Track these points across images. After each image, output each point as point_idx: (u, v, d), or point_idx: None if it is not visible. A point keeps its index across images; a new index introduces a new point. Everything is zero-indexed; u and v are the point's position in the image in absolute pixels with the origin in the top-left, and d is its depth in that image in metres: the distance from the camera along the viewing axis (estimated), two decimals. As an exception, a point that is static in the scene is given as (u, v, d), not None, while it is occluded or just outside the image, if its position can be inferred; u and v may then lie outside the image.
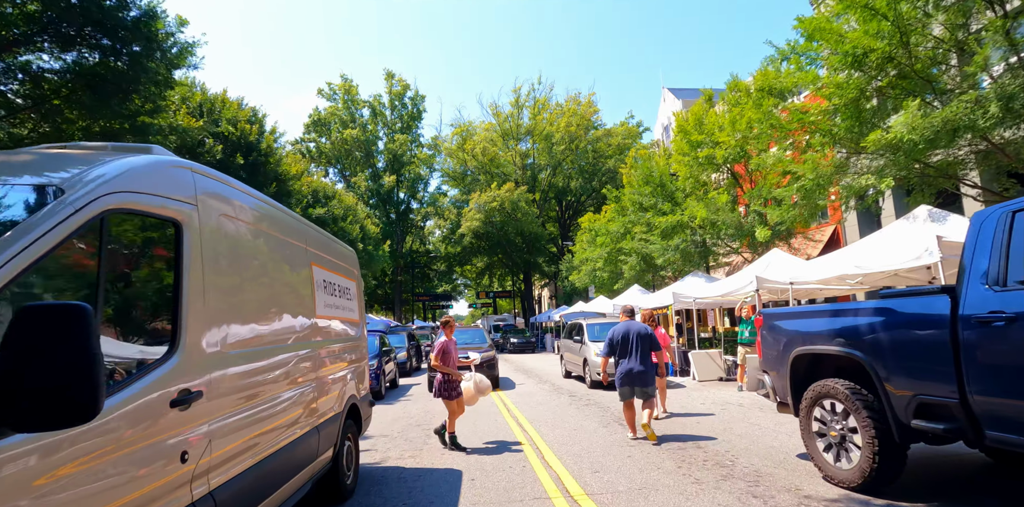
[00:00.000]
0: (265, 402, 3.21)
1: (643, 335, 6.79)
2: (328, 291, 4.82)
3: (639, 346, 6.75)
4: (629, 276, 23.99)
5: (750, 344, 11.46)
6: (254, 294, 3.26)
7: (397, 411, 10.64)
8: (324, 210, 21.56)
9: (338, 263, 5.42)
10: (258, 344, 3.23)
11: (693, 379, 13.84)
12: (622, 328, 6.88)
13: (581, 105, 42.59)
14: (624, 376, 6.77)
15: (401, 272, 50.84)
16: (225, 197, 3.10)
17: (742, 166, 16.97)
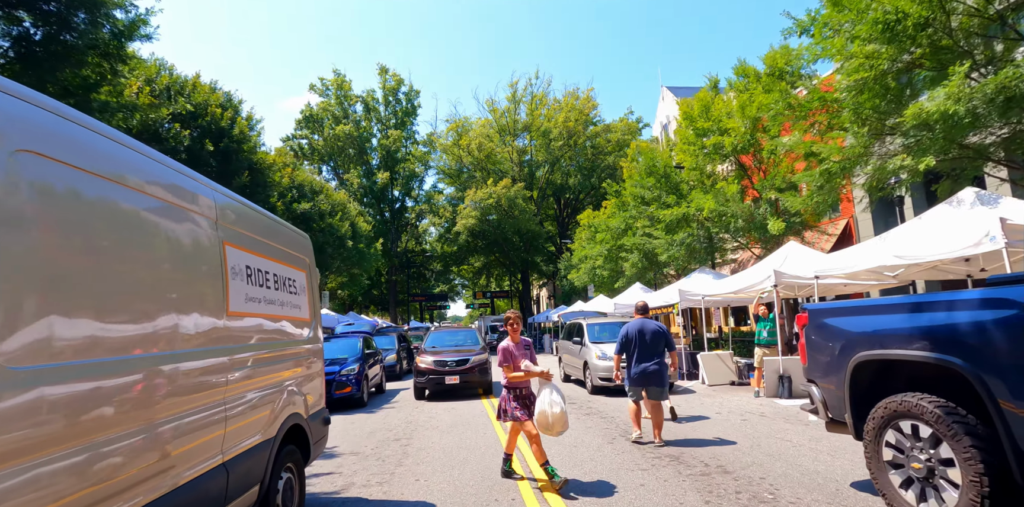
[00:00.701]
0: (105, 443, 2.12)
1: (658, 333, 6.49)
2: (256, 281, 3.73)
3: (654, 344, 6.46)
4: (631, 274, 22.93)
5: (768, 345, 10.40)
6: (92, 280, 2.16)
7: (376, 422, 9.55)
8: (310, 205, 20.44)
9: (278, 247, 4.33)
10: (96, 354, 2.14)
11: (702, 383, 12.77)
12: (636, 325, 6.59)
13: (580, 100, 41.52)
14: (638, 375, 6.46)
15: (396, 272, 49.74)
16: (33, 124, 2.01)
17: (749, 157, 15.92)
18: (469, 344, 12.51)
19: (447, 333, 13.30)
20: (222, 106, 13.17)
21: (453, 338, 12.88)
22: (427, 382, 11.31)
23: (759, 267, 11.26)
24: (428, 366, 11.36)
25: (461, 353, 11.61)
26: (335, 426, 9.00)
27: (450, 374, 11.16)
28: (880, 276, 8.86)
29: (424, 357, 11.57)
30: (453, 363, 11.34)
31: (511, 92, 41.83)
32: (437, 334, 13.30)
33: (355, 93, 43.02)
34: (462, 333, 13.44)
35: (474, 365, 11.38)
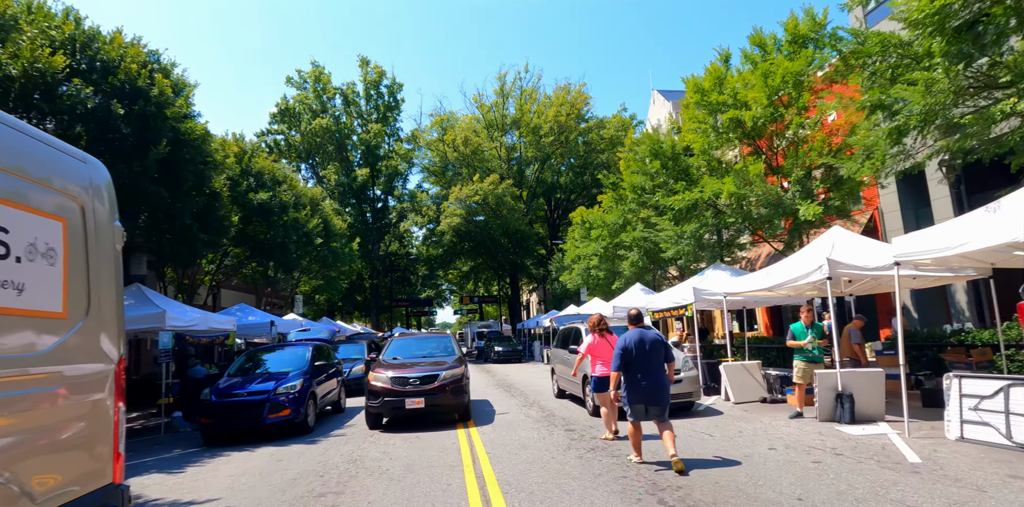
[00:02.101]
0: None
1: (659, 343, 5.87)
2: None
3: (655, 356, 5.81)
4: (629, 274, 20.73)
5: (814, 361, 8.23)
6: None
7: (310, 460, 7.16)
8: (268, 195, 18.00)
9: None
10: None
11: (726, 399, 10.52)
12: (634, 336, 5.88)
13: (571, 94, 39.44)
14: (640, 393, 5.75)
15: (379, 276, 47.18)
16: None
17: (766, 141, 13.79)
18: (440, 355, 9.85)
19: (414, 341, 10.77)
20: (142, 64, 10.79)
21: (420, 347, 10.27)
22: (381, 406, 8.68)
23: (803, 256, 9.05)
24: (383, 385, 8.74)
25: (428, 367, 8.96)
26: (249, 470, 6.62)
27: (412, 395, 8.54)
28: (1003, 257, 6.66)
29: (379, 373, 8.93)
30: (416, 381, 8.70)
31: (499, 85, 39.71)
32: (401, 342, 10.60)
33: (334, 86, 40.65)
34: (433, 341, 10.67)
35: (445, 383, 8.71)
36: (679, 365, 9.08)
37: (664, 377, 5.74)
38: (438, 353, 9.99)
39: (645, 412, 5.71)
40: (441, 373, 8.82)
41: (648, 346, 5.74)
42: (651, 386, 5.65)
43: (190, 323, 11.21)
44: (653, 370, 5.70)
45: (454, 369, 9.01)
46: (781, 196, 12.03)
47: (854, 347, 9.32)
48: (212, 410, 8.92)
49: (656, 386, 5.65)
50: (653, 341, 5.77)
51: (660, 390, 5.66)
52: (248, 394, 9.01)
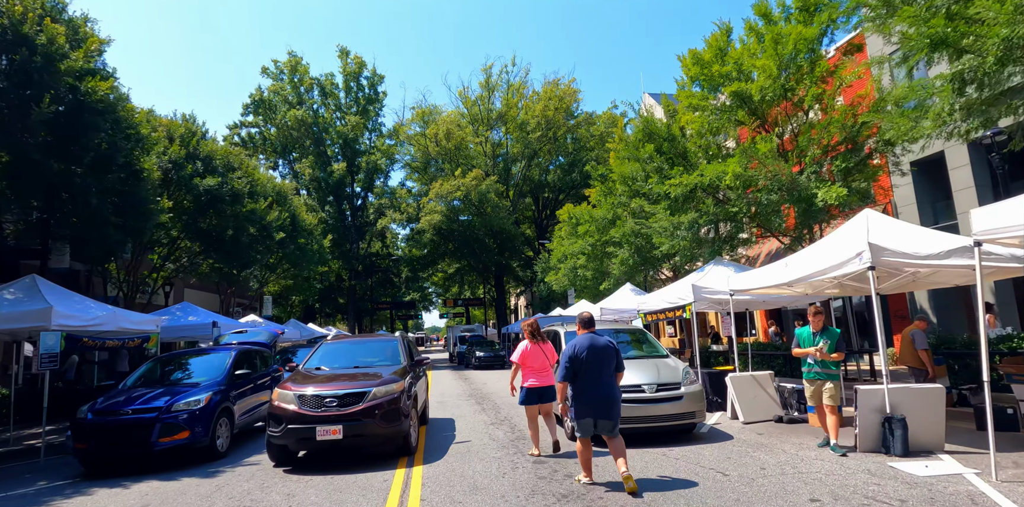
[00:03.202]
0: None
1: (610, 350, 5.20)
2: None
3: (607, 365, 5.15)
4: (618, 273, 19.00)
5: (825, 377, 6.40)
6: None
7: (185, 506, 5.28)
8: (217, 181, 16.06)
9: None
10: None
11: (734, 418, 8.76)
12: (584, 342, 5.21)
13: (561, 89, 37.79)
14: (589, 405, 5.07)
15: (360, 277, 45.15)
16: None
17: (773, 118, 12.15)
18: (380, 364, 7.61)
19: (348, 345, 8.51)
20: (30, 9, 8.88)
21: (356, 354, 8.02)
22: (284, 435, 6.34)
23: (832, 243, 7.32)
24: (287, 406, 6.41)
25: (354, 382, 6.69)
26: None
27: (326, 422, 6.24)
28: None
29: (286, 389, 6.64)
30: (333, 401, 6.37)
31: (484, 78, 37.98)
32: (332, 347, 8.32)
33: (312, 76, 38.72)
34: (372, 345, 8.38)
35: (376, 404, 6.40)
36: (679, 376, 7.33)
37: (616, 388, 5.20)
38: (377, 362, 7.72)
39: (594, 427, 5.10)
40: (370, 390, 6.49)
41: (599, 354, 5.16)
42: (602, 398, 5.07)
43: (90, 322, 9.27)
44: (604, 380, 5.13)
45: (390, 384, 6.70)
46: (795, 178, 10.34)
47: (919, 354, 7.66)
48: (88, 431, 6.99)
49: (607, 398, 5.09)
50: (604, 348, 5.20)
51: (611, 402, 5.11)
52: (134, 412, 7.09)
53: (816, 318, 6.49)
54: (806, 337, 6.54)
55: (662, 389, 7.05)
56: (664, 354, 8.35)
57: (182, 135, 16.57)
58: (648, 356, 8.19)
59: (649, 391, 6.99)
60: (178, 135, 16.45)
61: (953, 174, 14.64)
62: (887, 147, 10.02)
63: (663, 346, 8.79)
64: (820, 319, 6.48)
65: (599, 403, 5.05)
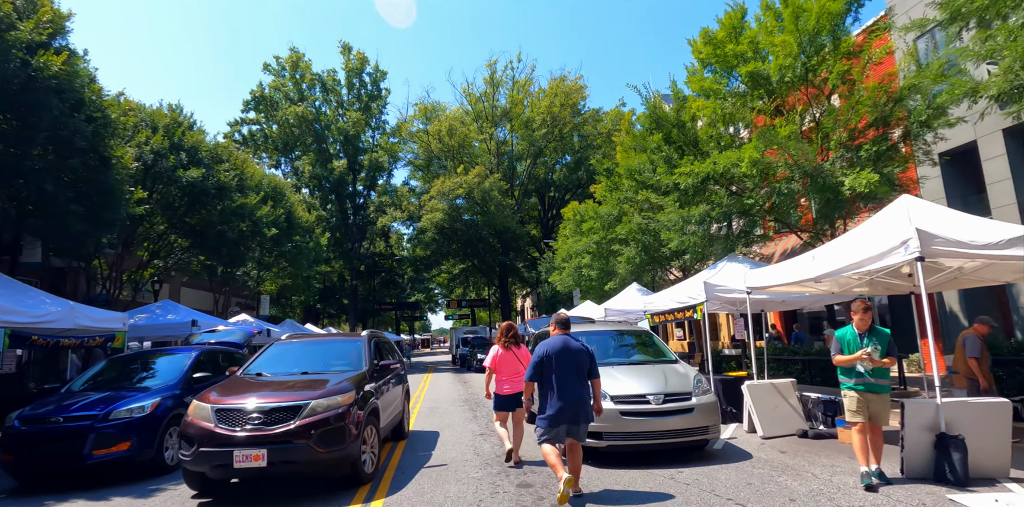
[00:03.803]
0: None
1: (584, 354, 5.06)
2: None
3: (579, 369, 5.00)
4: (625, 273, 18.03)
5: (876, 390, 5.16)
6: None
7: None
8: (201, 172, 15.27)
9: None
10: None
11: (751, 431, 7.77)
12: (556, 344, 5.06)
13: (567, 85, 36.83)
14: (560, 411, 4.87)
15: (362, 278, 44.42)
16: None
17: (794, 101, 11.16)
18: (333, 370, 6.33)
19: (300, 347, 7.20)
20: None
21: (308, 357, 6.75)
22: (196, 460, 5.04)
23: (869, 232, 6.32)
24: (202, 424, 5.14)
25: (289, 393, 5.38)
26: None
27: (247, 444, 4.94)
28: None
29: (205, 401, 5.36)
30: (258, 418, 5.08)
31: (489, 74, 37.14)
32: (281, 348, 7.03)
33: (314, 72, 38.05)
34: (330, 347, 7.20)
35: (313, 421, 5.08)
36: (690, 385, 6.36)
37: (587, 393, 5.04)
38: (333, 367, 6.45)
39: (564, 433, 4.91)
40: (308, 403, 5.17)
41: (572, 357, 4.99)
42: (573, 403, 4.89)
43: (40, 319, 8.45)
44: (576, 384, 4.96)
45: (334, 396, 5.34)
46: (819, 165, 9.33)
47: (970, 363, 6.63)
48: (14, 441, 6.15)
49: (579, 402, 4.92)
50: (578, 351, 5.05)
51: (583, 407, 4.94)
52: (66, 420, 6.23)
53: (864, 316, 5.27)
54: (851, 340, 5.28)
55: (670, 400, 6.10)
56: (673, 359, 7.39)
57: (167, 125, 15.82)
58: (655, 361, 7.24)
59: (655, 402, 6.03)
60: (162, 125, 15.71)
61: (987, 165, 13.53)
62: (923, 129, 8.99)
63: (671, 350, 7.82)
64: (869, 317, 5.28)
65: (570, 408, 4.86)
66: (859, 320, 5.30)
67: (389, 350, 7.89)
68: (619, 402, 6.05)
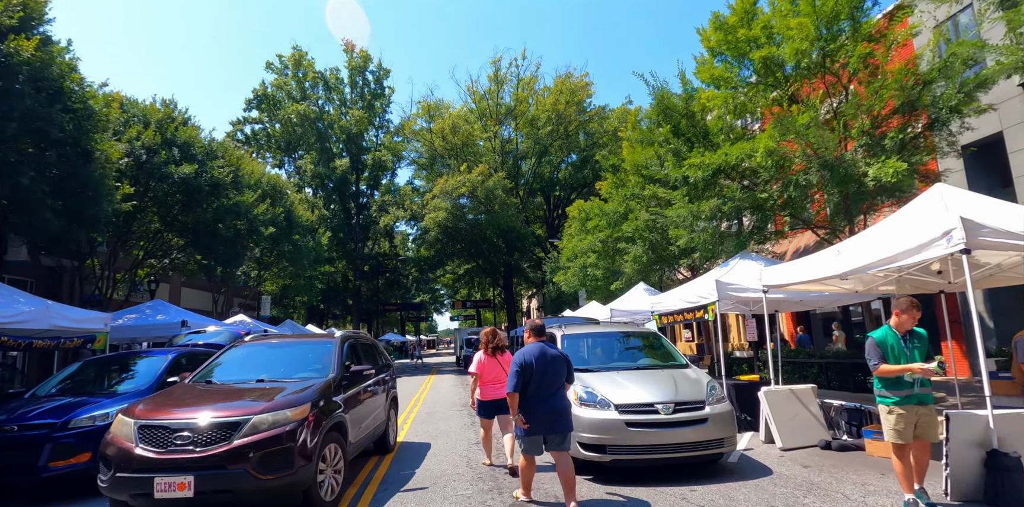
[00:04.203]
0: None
1: (560, 361, 4.94)
2: None
3: (556, 375, 4.87)
4: (631, 272, 17.41)
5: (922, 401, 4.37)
6: None
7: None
8: (193, 168, 14.82)
9: None
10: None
11: (768, 442, 7.17)
12: (535, 351, 4.88)
13: (573, 82, 36.22)
14: (539, 422, 4.72)
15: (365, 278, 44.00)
16: None
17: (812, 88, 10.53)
18: (294, 377, 5.46)
19: (264, 350, 6.31)
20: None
21: (269, 362, 5.94)
22: (113, 487, 4.27)
23: (904, 222, 5.71)
24: (122, 445, 4.38)
25: (229, 406, 4.58)
26: None
27: (172, 470, 4.18)
28: None
29: (130, 416, 4.59)
30: (186, 437, 4.31)
31: (493, 71, 36.57)
32: (240, 352, 6.19)
33: (317, 70, 37.68)
34: (296, 350, 6.30)
35: (252, 441, 4.29)
36: (703, 393, 5.77)
37: (567, 400, 4.95)
38: (296, 373, 5.59)
39: (544, 443, 4.80)
40: (249, 419, 4.35)
41: (550, 365, 4.88)
42: (553, 411, 4.78)
43: (11, 319, 7.98)
44: (555, 392, 4.86)
45: (282, 411, 4.49)
46: (841, 154, 8.71)
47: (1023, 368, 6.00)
48: (-36, 454, 5.65)
49: (559, 410, 4.81)
50: (554, 358, 4.95)
51: (563, 414, 4.83)
52: (21, 429, 5.73)
53: (909, 315, 4.45)
54: (893, 344, 4.42)
55: (682, 409, 5.51)
56: (683, 363, 6.79)
57: (159, 120, 15.40)
58: (663, 366, 6.65)
59: (664, 412, 5.44)
60: (154, 120, 15.28)
61: (1014, 158, 12.85)
62: (952, 115, 8.34)
63: (681, 353, 7.23)
64: (909, 317, 4.45)
65: (550, 417, 4.72)
66: (902, 321, 4.48)
67: (371, 354, 7.27)
68: (624, 412, 5.47)
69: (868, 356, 4.45)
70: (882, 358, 4.38)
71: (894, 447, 4.30)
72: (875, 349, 4.43)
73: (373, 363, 7.05)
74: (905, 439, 4.26)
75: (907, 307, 4.46)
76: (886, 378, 4.39)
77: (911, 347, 4.42)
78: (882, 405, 4.44)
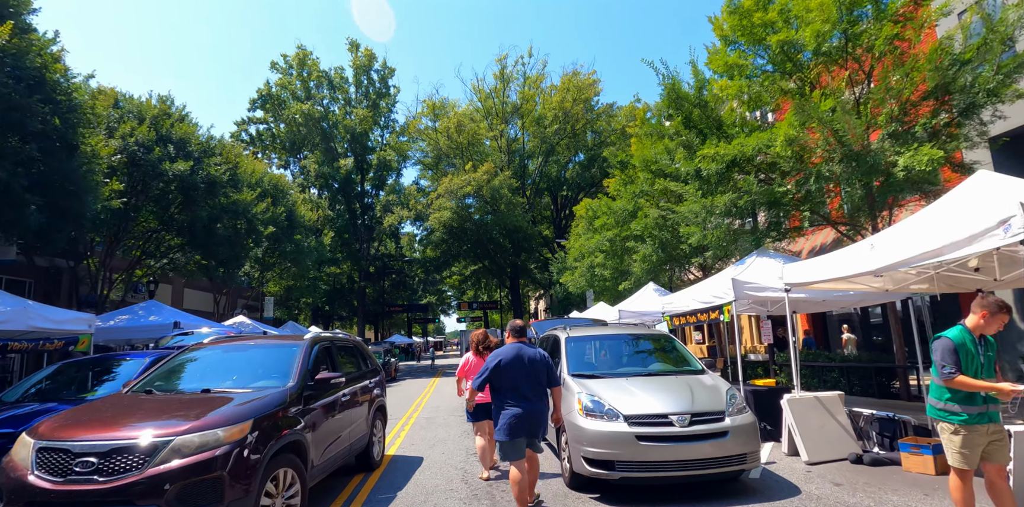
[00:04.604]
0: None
1: (540, 362, 4.77)
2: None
3: (535, 377, 4.72)
4: (640, 271, 16.80)
5: (992, 419, 3.62)
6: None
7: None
8: (189, 165, 14.41)
9: None
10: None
11: (791, 454, 6.56)
12: (510, 351, 4.76)
13: (580, 79, 35.65)
14: (517, 422, 4.55)
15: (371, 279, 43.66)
16: None
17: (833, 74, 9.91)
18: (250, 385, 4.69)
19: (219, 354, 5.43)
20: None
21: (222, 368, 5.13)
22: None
23: (944, 211, 5.12)
24: (17, 470, 3.58)
25: (154, 424, 3.73)
26: None
27: (66, 504, 3.38)
28: None
29: (33, 436, 3.75)
30: (88, 463, 3.46)
31: (499, 69, 36.09)
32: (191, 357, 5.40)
33: (322, 69, 37.39)
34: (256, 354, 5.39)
35: (170, 469, 3.44)
36: (722, 402, 5.19)
37: (545, 404, 4.78)
38: (250, 382, 4.74)
39: (523, 448, 4.61)
40: (169, 441, 3.56)
41: (526, 366, 4.69)
42: (528, 414, 4.58)
43: (-17, 320, 7.57)
44: (531, 394, 4.65)
45: (213, 430, 3.68)
46: (868, 143, 8.09)
47: None
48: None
49: (534, 413, 4.62)
50: (532, 358, 4.75)
51: (538, 419, 4.66)
52: (-27, 440, 5.25)
53: (998, 320, 3.66)
54: (971, 349, 3.68)
55: (699, 421, 4.93)
56: (699, 368, 6.21)
57: (155, 116, 15.02)
58: (677, 371, 6.06)
59: (680, 424, 4.87)
60: (150, 116, 14.91)
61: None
62: (990, 98, 7.69)
63: (697, 358, 6.64)
64: (1003, 323, 3.68)
65: (528, 421, 4.59)
66: (989, 325, 3.70)
67: (353, 358, 6.60)
68: (635, 423, 4.90)
69: (940, 362, 3.65)
70: (956, 365, 3.60)
71: (956, 471, 3.63)
72: (951, 354, 3.63)
73: (356, 368, 6.43)
74: (972, 464, 3.58)
75: (997, 310, 3.67)
76: (957, 391, 3.65)
77: (986, 356, 3.70)
78: (945, 423, 3.70)
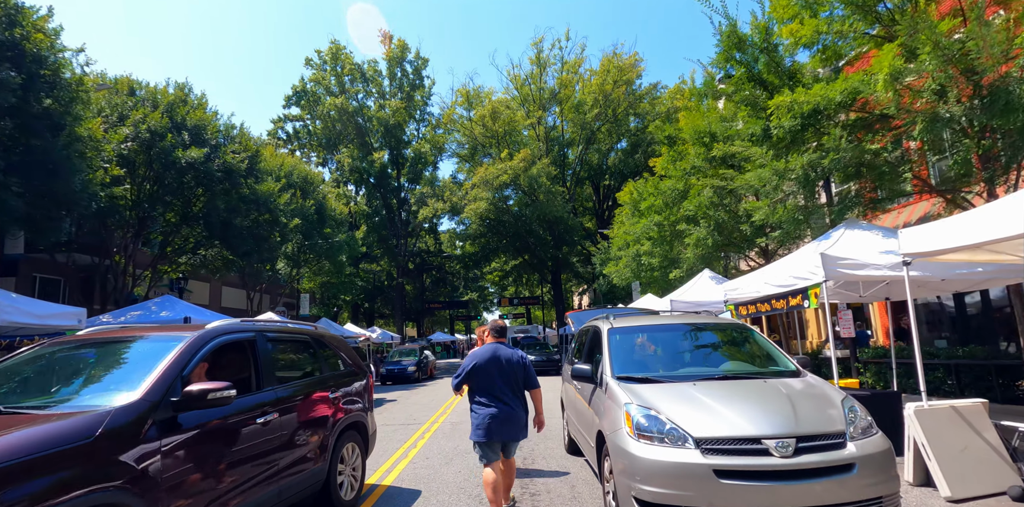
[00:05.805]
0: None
1: (518, 364, 4.63)
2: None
3: (512, 379, 4.57)
4: (693, 257, 14.96)
5: None
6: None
7: None
8: (203, 153, 13.60)
9: None
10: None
11: (925, 485, 4.82)
12: (487, 352, 4.64)
13: (622, 61, 33.60)
14: (493, 423, 4.41)
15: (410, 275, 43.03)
16: None
17: None
18: (85, 399, 3.13)
19: (73, 352, 3.79)
20: None
21: (66, 370, 3.59)
22: None
23: None
24: None
25: None
26: None
27: None
28: None
29: None
30: None
31: (535, 53, 34.49)
32: (46, 352, 3.75)
33: (355, 62, 36.84)
34: (116, 352, 3.67)
35: None
36: (840, 419, 3.55)
37: (521, 406, 4.57)
38: (83, 395, 3.24)
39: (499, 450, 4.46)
40: None
41: (503, 368, 4.53)
42: (502, 416, 4.39)
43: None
44: (506, 397, 4.47)
45: None
46: (1007, 72, 6.15)
47: None
48: None
49: (508, 416, 4.42)
50: (509, 359, 4.58)
51: (516, 421, 4.48)
52: None
53: None
54: None
55: (808, 447, 3.31)
56: (792, 369, 4.56)
57: (170, 102, 14.31)
58: (763, 374, 4.43)
59: (780, 453, 3.27)
60: (164, 103, 14.21)
61: None
62: None
63: (786, 355, 4.96)
64: None
65: (498, 424, 4.38)
66: None
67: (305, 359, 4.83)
68: (712, 451, 3.34)
69: None
70: None
71: None
72: None
73: (310, 373, 4.76)
74: None
75: None
76: None
77: None
78: None
